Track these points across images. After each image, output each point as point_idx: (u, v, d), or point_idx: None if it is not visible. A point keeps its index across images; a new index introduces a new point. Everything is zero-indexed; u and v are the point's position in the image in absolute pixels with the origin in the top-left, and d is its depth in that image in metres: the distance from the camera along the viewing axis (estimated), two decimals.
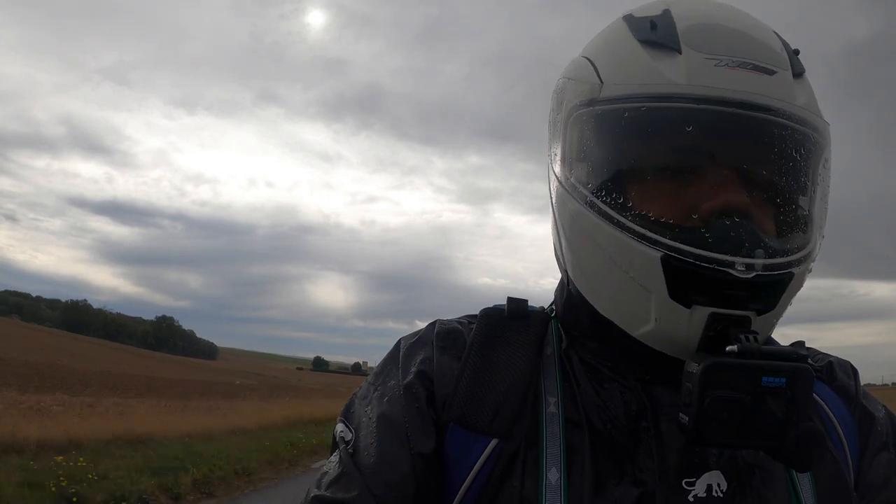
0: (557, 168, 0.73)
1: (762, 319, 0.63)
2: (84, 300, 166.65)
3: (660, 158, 0.65)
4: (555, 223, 0.76)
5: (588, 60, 0.70)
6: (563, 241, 0.74)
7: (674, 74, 0.63)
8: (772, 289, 0.62)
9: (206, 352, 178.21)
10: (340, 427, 0.74)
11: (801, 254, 0.64)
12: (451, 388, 0.71)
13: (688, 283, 0.61)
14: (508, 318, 0.76)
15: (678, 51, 0.64)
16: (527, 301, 0.78)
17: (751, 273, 0.60)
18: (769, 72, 0.63)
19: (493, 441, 0.67)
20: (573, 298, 0.75)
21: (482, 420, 0.68)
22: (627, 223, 0.63)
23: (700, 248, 0.60)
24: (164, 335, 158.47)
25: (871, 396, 0.78)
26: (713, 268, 0.59)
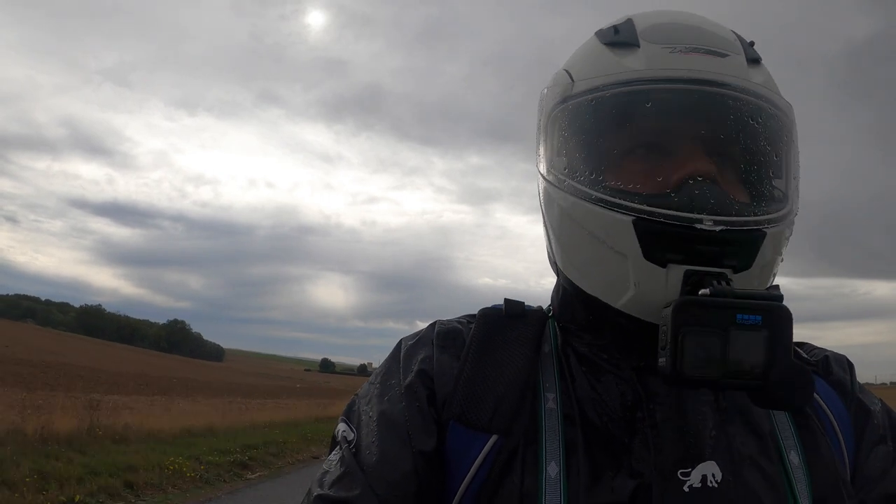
0: (542, 168, 0.76)
1: (740, 278, 0.63)
2: (98, 304, 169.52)
3: (627, 138, 0.69)
4: (544, 225, 0.78)
5: (564, 70, 0.76)
6: (552, 237, 0.76)
7: (633, 64, 0.69)
8: (744, 246, 0.64)
9: (214, 354, 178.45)
10: (342, 426, 0.75)
11: (773, 216, 0.66)
12: (451, 387, 0.71)
13: (660, 243, 0.63)
14: (506, 318, 0.77)
15: (637, 45, 0.70)
16: (524, 304, 0.79)
17: (718, 227, 0.62)
18: (721, 55, 0.68)
19: (493, 438, 0.68)
20: (568, 295, 0.76)
21: (481, 417, 0.69)
22: (601, 195, 0.67)
23: (668, 209, 0.63)
24: (177, 338, 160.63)
25: (868, 390, 0.78)
26: (682, 225, 0.62)
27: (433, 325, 0.80)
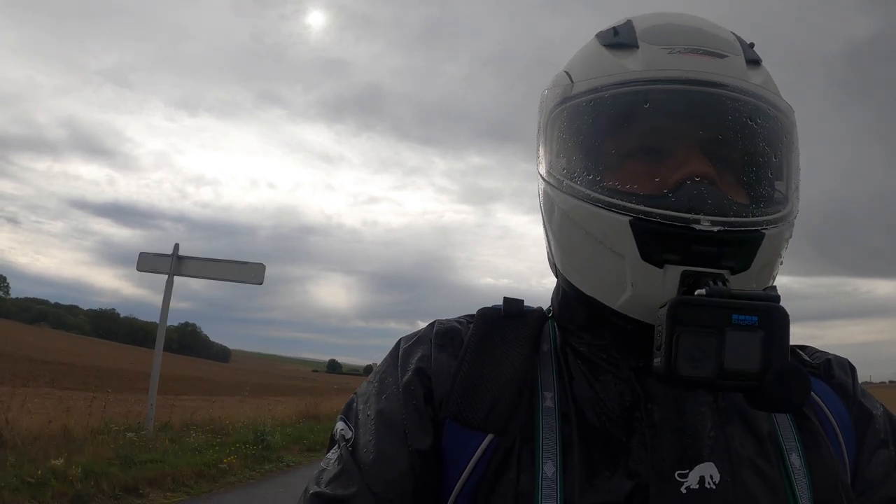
0: (542, 169, 0.76)
1: (738, 279, 0.63)
2: (112, 308, 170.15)
3: (626, 139, 0.68)
4: (544, 226, 0.78)
5: (564, 72, 0.76)
6: (552, 239, 0.75)
7: (632, 65, 0.68)
8: (742, 247, 0.63)
9: (221, 355, 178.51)
10: (341, 425, 0.74)
11: (771, 217, 0.65)
12: (449, 386, 0.71)
13: (657, 243, 0.62)
14: (505, 318, 0.76)
15: (636, 47, 0.70)
16: (522, 301, 0.79)
17: (716, 228, 0.61)
18: (720, 56, 0.67)
19: (489, 437, 0.67)
20: (567, 296, 0.76)
21: (478, 416, 0.69)
22: (599, 196, 0.66)
23: (666, 210, 0.62)
24: (188, 340, 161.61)
25: (870, 394, 0.77)
26: (678, 225, 0.61)
27: (432, 325, 0.80)
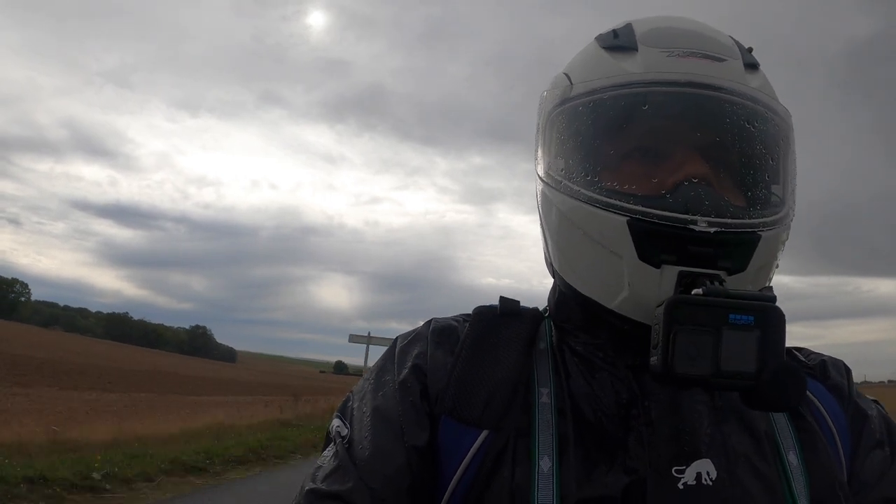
0: (540, 170, 0.75)
1: (734, 280, 0.62)
2: (126, 312, 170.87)
3: (624, 140, 0.68)
4: (541, 227, 0.78)
5: (564, 74, 0.76)
6: (549, 240, 0.75)
7: (631, 67, 0.68)
8: (739, 248, 0.63)
9: (227, 356, 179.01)
10: (336, 422, 0.74)
11: (768, 219, 0.65)
12: (445, 382, 0.71)
13: (654, 243, 0.62)
14: (501, 316, 0.76)
15: (636, 49, 0.70)
16: (518, 301, 0.79)
17: (712, 228, 0.61)
18: (719, 59, 0.68)
19: (485, 433, 0.67)
20: (564, 295, 0.76)
21: (473, 412, 0.68)
22: (597, 196, 0.66)
23: (663, 210, 0.62)
24: (199, 343, 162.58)
25: (865, 396, 0.77)
26: (676, 226, 0.61)
27: (429, 323, 0.79)
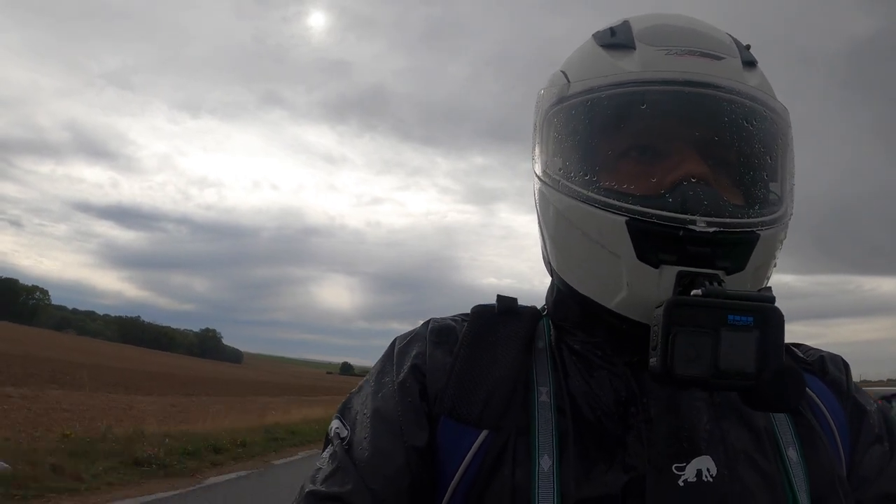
0: (538, 169, 0.75)
1: (733, 280, 0.62)
2: (138, 316, 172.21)
3: (622, 139, 0.68)
4: (539, 227, 0.77)
5: (561, 72, 0.75)
6: (547, 238, 0.75)
7: (629, 66, 0.67)
8: (737, 248, 0.62)
9: (234, 357, 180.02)
10: (336, 424, 0.73)
11: (766, 218, 0.64)
12: (444, 382, 0.70)
13: (653, 243, 0.62)
14: (499, 315, 0.75)
15: (633, 47, 0.69)
16: (516, 299, 0.78)
17: (711, 228, 0.60)
18: (717, 57, 0.67)
19: (484, 432, 0.66)
20: (562, 294, 0.75)
21: (472, 412, 0.67)
22: (595, 196, 0.65)
23: (662, 210, 0.62)
24: (209, 345, 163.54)
25: (863, 391, 0.77)
26: (674, 226, 0.61)
27: (427, 323, 0.79)
